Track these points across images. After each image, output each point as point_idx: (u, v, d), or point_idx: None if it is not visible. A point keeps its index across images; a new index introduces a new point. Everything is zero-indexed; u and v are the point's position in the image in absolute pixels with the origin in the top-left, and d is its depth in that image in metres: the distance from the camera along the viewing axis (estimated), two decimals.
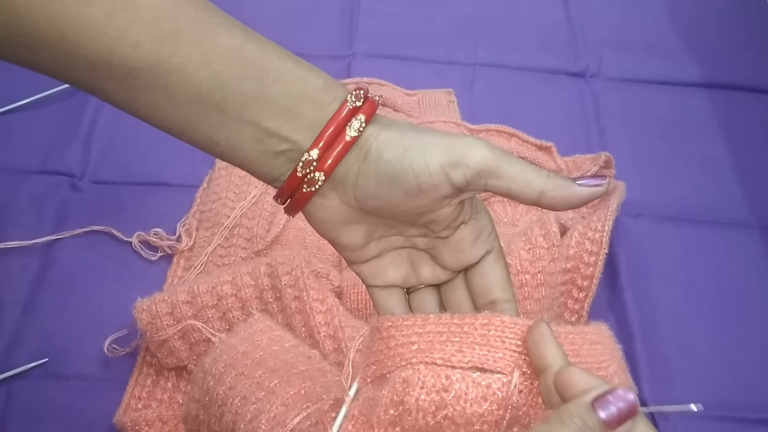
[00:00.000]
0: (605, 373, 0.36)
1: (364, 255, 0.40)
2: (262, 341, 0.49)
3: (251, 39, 0.36)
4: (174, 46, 0.34)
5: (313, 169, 0.36)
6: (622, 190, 0.69)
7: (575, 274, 0.64)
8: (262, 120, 0.36)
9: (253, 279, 0.60)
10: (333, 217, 0.38)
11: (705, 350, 0.66)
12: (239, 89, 0.35)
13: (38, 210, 0.72)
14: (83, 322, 0.65)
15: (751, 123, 0.86)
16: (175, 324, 0.59)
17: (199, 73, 0.34)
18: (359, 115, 0.36)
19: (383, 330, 0.37)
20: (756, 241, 0.74)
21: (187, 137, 0.37)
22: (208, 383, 0.46)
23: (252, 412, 0.43)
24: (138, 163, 0.76)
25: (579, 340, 0.36)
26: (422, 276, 0.41)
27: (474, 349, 0.34)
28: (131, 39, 0.33)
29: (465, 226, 0.39)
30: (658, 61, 0.91)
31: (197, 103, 0.35)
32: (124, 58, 0.33)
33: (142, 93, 0.35)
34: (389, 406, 0.35)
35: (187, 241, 0.70)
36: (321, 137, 0.36)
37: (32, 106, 0.80)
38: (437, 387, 0.34)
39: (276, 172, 0.37)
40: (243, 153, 0.37)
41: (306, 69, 0.37)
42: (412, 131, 0.36)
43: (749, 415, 0.63)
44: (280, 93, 0.36)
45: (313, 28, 0.92)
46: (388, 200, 0.36)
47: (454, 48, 0.91)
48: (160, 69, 0.34)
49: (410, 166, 0.35)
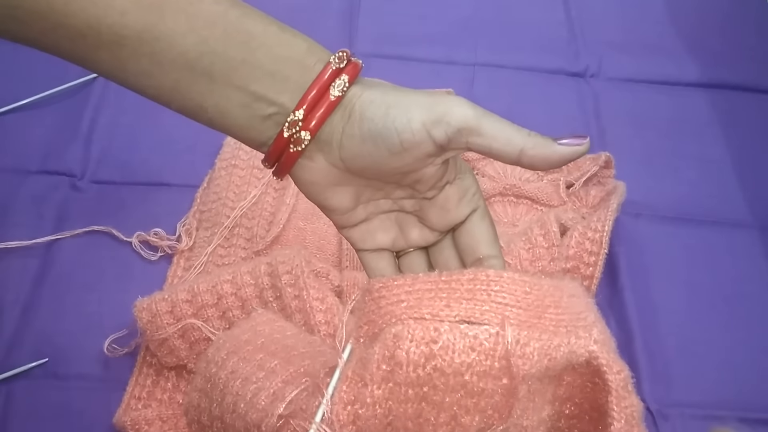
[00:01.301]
0: (585, 323, 0.36)
1: (353, 218, 0.41)
2: (264, 330, 0.49)
3: (235, 5, 0.36)
4: (160, 13, 0.34)
5: (299, 129, 0.37)
6: (622, 190, 0.69)
7: (575, 274, 0.64)
8: (249, 84, 0.36)
9: (253, 278, 0.60)
10: (320, 179, 0.39)
11: (705, 350, 0.66)
12: (225, 54, 0.36)
13: (38, 210, 0.72)
14: (83, 322, 0.65)
15: (751, 123, 0.86)
16: (174, 323, 0.59)
17: (185, 39, 0.35)
18: (343, 75, 0.37)
19: (374, 291, 0.37)
20: (756, 241, 0.74)
21: (176, 105, 0.37)
22: (210, 371, 0.47)
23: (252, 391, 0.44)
24: (138, 163, 0.76)
25: (558, 293, 0.37)
26: (411, 238, 0.42)
27: (461, 303, 0.35)
28: (118, 6, 0.33)
29: (450, 186, 0.40)
30: (658, 61, 0.91)
31: (185, 69, 0.35)
32: (111, 25, 0.34)
33: (131, 61, 0.35)
34: (381, 362, 0.35)
35: (187, 241, 0.70)
36: (305, 98, 0.36)
37: (32, 106, 0.80)
38: (426, 339, 0.34)
39: (264, 136, 0.38)
40: (231, 119, 0.37)
41: (290, 33, 0.38)
42: (396, 91, 0.37)
43: (749, 415, 0.63)
44: (266, 56, 0.36)
45: (313, 28, 0.91)
46: (373, 159, 0.37)
47: (454, 48, 0.91)
48: (147, 36, 0.34)
49: (392, 124, 0.36)
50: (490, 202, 0.74)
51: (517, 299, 0.36)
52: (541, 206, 0.73)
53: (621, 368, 0.35)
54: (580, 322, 0.36)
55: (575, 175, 0.75)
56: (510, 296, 0.35)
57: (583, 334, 0.36)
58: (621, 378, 0.35)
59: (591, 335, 0.36)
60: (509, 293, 0.35)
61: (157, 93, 0.37)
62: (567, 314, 0.36)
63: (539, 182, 0.75)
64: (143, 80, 0.36)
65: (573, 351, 0.35)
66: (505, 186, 0.74)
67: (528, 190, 0.74)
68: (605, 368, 0.35)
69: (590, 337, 0.36)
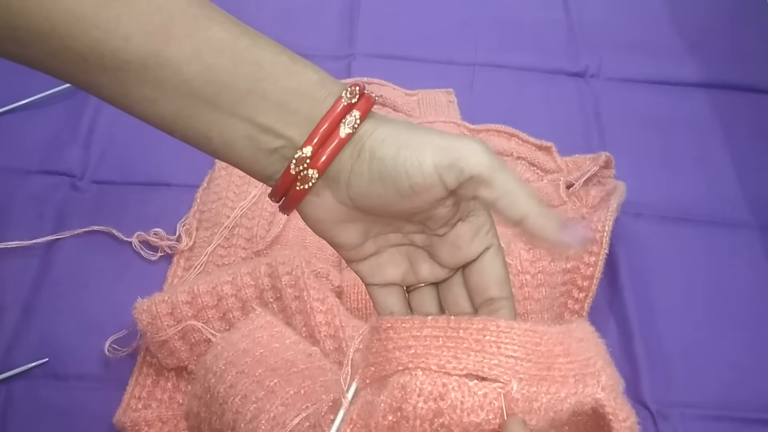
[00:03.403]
0: (593, 369, 0.36)
1: (362, 253, 0.40)
2: (262, 338, 0.49)
3: (245, 33, 0.35)
4: (165, 39, 0.33)
5: (307, 167, 0.35)
6: (622, 190, 0.69)
7: (575, 275, 0.64)
8: (256, 115, 0.35)
9: (253, 279, 0.60)
10: (328, 216, 0.37)
11: (705, 350, 0.66)
12: (232, 83, 0.34)
13: (38, 210, 0.72)
14: (83, 322, 0.65)
15: (751, 123, 0.86)
16: (175, 324, 0.59)
17: (191, 66, 0.34)
18: (354, 111, 0.35)
19: (381, 331, 0.37)
20: (756, 241, 0.74)
21: (180, 133, 0.36)
22: (209, 381, 0.47)
23: (252, 411, 0.43)
24: (138, 163, 0.76)
25: (567, 339, 0.36)
26: (421, 274, 0.40)
27: (469, 355, 0.34)
28: (122, 31, 0.32)
29: (462, 223, 0.38)
30: (658, 61, 0.91)
31: (189, 97, 0.34)
32: (114, 50, 0.33)
33: (134, 87, 0.34)
34: (388, 412, 0.35)
35: (187, 241, 0.70)
36: (315, 134, 0.35)
37: (32, 106, 0.80)
38: (434, 395, 0.34)
39: (270, 170, 0.37)
40: (237, 151, 0.36)
41: (301, 64, 0.36)
42: (409, 129, 0.36)
43: (749, 415, 0.63)
44: (274, 88, 0.35)
45: (313, 28, 0.92)
46: (381, 199, 0.35)
47: (454, 48, 0.91)
48: (151, 62, 0.33)
49: (403, 166, 0.34)
50: None
51: (527, 352, 0.35)
52: None
53: (627, 416, 0.35)
54: (589, 369, 0.36)
55: (575, 175, 0.75)
56: (520, 349, 0.35)
57: (591, 381, 0.35)
58: (626, 426, 0.34)
59: (599, 382, 0.35)
60: (519, 345, 0.35)
61: (160, 120, 0.36)
62: (576, 362, 0.36)
63: (539, 182, 0.75)
64: (146, 107, 0.35)
65: (580, 401, 0.35)
66: None
67: None
68: (611, 416, 0.34)
69: (598, 384, 0.35)
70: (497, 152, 0.77)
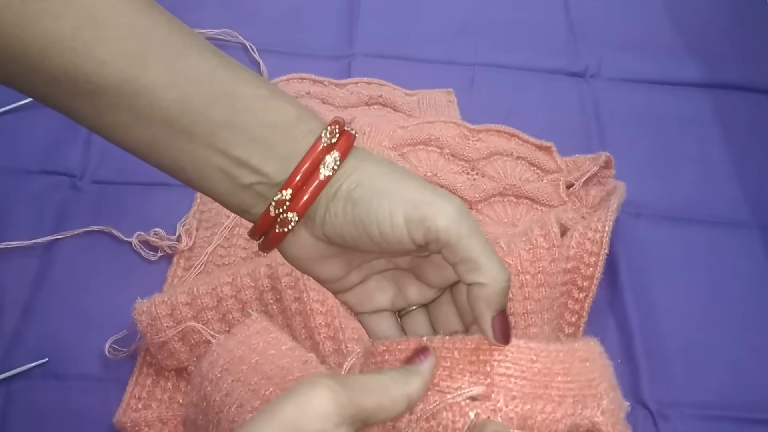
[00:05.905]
0: (595, 391, 0.35)
1: (347, 283, 0.39)
2: (258, 344, 0.48)
3: (224, 64, 0.34)
4: (142, 66, 0.32)
5: (286, 209, 0.35)
6: (622, 190, 0.69)
7: (575, 275, 0.64)
8: (231, 148, 0.34)
9: (253, 280, 0.60)
10: (306, 253, 0.37)
11: (705, 350, 0.66)
12: (208, 114, 0.34)
13: (38, 210, 0.72)
14: (83, 322, 0.65)
15: (751, 123, 0.86)
16: (175, 326, 0.59)
17: (167, 94, 0.33)
18: (334, 152, 0.35)
19: (377, 354, 0.37)
20: (756, 241, 0.75)
21: (153, 161, 0.36)
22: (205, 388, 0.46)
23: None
24: (138, 163, 0.75)
25: (569, 358, 0.36)
26: (409, 296, 0.40)
27: (464, 375, 0.34)
28: (98, 56, 0.32)
29: None
30: (658, 61, 0.91)
31: (164, 126, 0.34)
32: (89, 74, 0.32)
33: (108, 112, 0.33)
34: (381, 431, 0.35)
35: (187, 241, 0.70)
36: (294, 176, 0.34)
37: (32, 106, 0.80)
38: (426, 414, 0.34)
39: (245, 204, 0.36)
40: (210, 182, 0.35)
41: (280, 99, 0.35)
42: (389, 174, 0.35)
43: (749, 415, 0.63)
44: (251, 121, 0.34)
45: (313, 28, 0.92)
46: (354, 241, 0.35)
47: (454, 48, 0.91)
48: (126, 88, 0.32)
49: (375, 214, 0.34)
50: (490, 202, 0.74)
51: (521, 369, 0.34)
52: (541, 206, 0.73)
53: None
54: (590, 390, 0.35)
55: (575, 175, 0.75)
56: (514, 366, 0.34)
57: (591, 403, 0.35)
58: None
59: (599, 405, 0.35)
60: (513, 363, 0.34)
61: (133, 146, 0.35)
62: (576, 382, 0.35)
63: (539, 182, 0.75)
64: (119, 132, 0.34)
65: (576, 422, 0.34)
66: (505, 186, 0.74)
67: (528, 190, 0.74)
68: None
69: (598, 408, 0.35)
70: (497, 152, 0.77)
